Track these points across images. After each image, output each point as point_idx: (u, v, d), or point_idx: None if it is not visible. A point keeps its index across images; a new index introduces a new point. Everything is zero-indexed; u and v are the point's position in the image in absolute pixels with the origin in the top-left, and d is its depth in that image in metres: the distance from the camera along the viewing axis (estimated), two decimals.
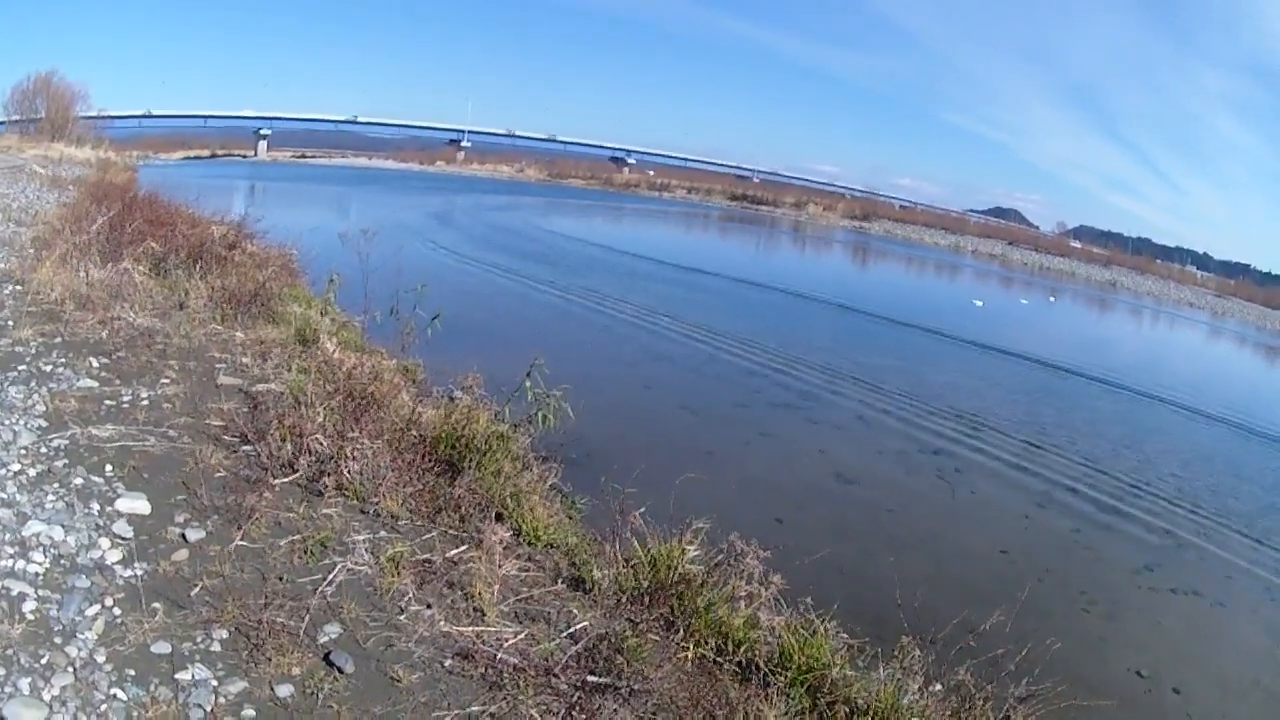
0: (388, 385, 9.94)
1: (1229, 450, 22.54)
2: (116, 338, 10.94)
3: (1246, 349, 58.55)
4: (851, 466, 14.77)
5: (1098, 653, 9.75)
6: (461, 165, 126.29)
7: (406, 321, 9.89)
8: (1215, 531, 14.82)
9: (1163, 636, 10.77)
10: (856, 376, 21.90)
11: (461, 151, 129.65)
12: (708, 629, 6.63)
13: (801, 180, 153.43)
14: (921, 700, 6.15)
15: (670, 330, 24.62)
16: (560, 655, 5.78)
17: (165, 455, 7.72)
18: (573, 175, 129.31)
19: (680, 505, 7.63)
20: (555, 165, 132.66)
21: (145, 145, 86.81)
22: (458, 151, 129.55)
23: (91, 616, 5.25)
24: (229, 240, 17.51)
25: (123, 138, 76.83)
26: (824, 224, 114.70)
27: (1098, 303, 70.77)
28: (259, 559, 6.31)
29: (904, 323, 34.45)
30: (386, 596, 6.13)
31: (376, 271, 10.73)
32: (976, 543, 12.45)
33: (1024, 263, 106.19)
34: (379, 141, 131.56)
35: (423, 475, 8.04)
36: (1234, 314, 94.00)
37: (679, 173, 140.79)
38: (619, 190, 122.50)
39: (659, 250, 46.41)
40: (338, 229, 16.12)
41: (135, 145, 79.65)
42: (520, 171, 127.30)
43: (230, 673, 5.05)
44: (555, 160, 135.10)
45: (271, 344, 12.19)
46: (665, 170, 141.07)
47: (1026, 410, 21.88)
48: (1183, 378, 33.57)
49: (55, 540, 5.90)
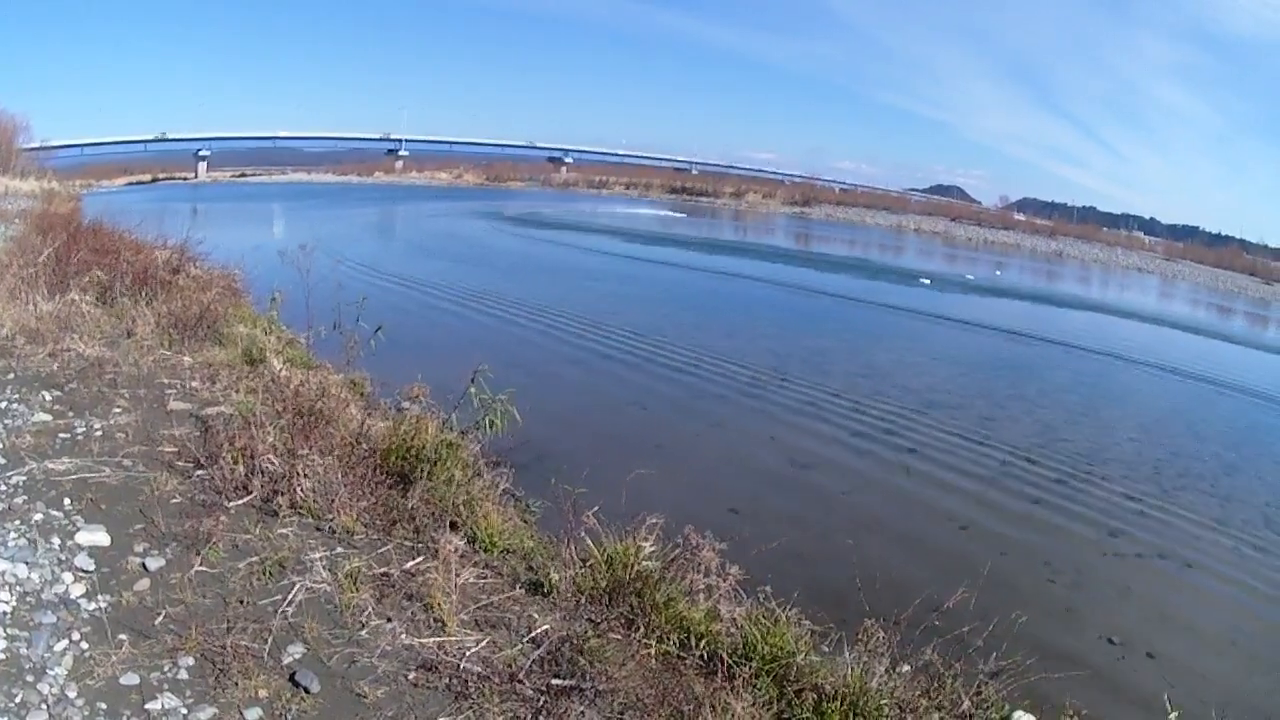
0: (335, 400, 9.90)
1: (1186, 412, 22.99)
2: (68, 369, 10.88)
3: (1199, 309, 59.24)
4: (804, 452, 14.89)
5: (1066, 623, 9.88)
6: (400, 174, 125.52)
7: (350, 335, 9.90)
8: (1179, 494, 15.10)
9: (1132, 602, 10.90)
10: (804, 360, 22.16)
11: (400, 161, 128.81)
12: (669, 624, 6.66)
13: (740, 169, 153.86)
14: (890, 681, 6.20)
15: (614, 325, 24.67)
16: (523, 660, 5.83)
17: (121, 485, 7.70)
18: (511, 178, 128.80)
19: (633, 502, 7.69)
20: (493, 169, 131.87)
21: (88, 174, 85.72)
22: (396, 161, 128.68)
23: (60, 652, 5.26)
24: (172, 264, 17.42)
25: (66, 167, 75.84)
26: (764, 211, 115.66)
27: (1045, 274, 71.16)
28: (219, 583, 6.31)
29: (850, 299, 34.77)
30: (347, 613, 6.15)
31: (317, 287, 10.72)
32: (935, 521, 12.59)
33: (968, 238, 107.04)
34: (318, 155, 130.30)
35: (375, 488, 8.05)
36: (1184, 276, 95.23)
37: (617, 169, 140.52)
38: (557, 190, 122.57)
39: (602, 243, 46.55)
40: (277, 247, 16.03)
41: (78, 174, 78.55)
42: (458, 177, 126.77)
43: (199, 700, 5.07)
44: (493, 164, 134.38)
45: (219, 366, 12.16)
46: (603, 167, 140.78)
47: (979, 384, 22.22)
48: (1137, 340, 33.99)
49: (20, 577, 5.90)
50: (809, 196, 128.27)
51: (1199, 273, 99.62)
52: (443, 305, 25.93)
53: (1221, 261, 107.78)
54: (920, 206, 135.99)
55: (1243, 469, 17.71)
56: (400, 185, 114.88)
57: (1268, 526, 14.12)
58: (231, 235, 32.32)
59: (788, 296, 36.11)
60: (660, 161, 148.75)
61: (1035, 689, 6.50)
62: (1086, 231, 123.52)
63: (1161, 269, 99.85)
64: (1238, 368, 32.05)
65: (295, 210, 62.62)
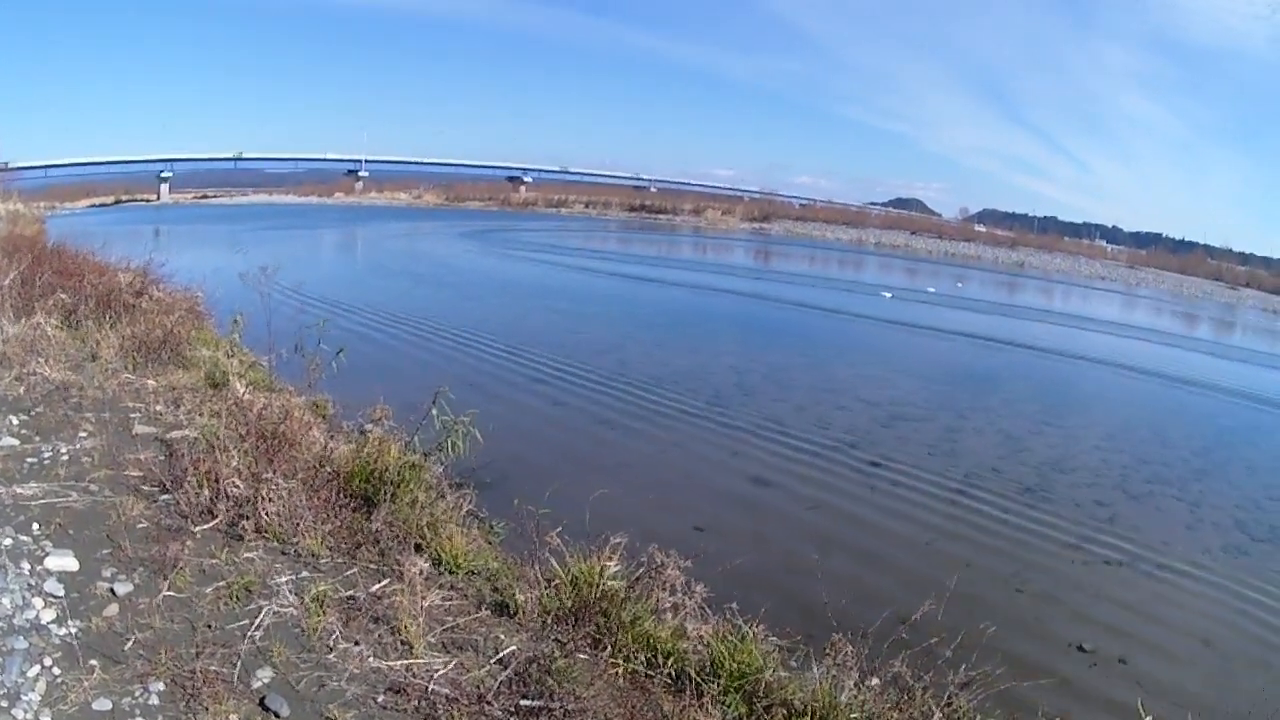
0: (298, 423, 9.87)
1: (1150, 419, 23.05)
2: (34, 393, 10.85)
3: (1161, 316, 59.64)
4: (767, 468, 14.93)
5: (1036, 632, 9.93)
6: (360, 195, 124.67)
7: (311, 357, 9.93)
8: (1146, 499, 15.27)
9: (1102, 609, 10.92)
10: (765, 376, 22.29)
11: (360, 181, 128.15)
12: (636, 643, 6.70)
13: (698, 186, 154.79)
14: (860, 695, 6.25)
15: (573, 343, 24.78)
16: (491, 682, 5.86)
17: (88, 510, 7.71)
18: (470, 197, 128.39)
19: (597, 521, 7.79)
20: (453, 189, 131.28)
21: (52, 196, 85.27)
22: (356, 181, 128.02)
23: (33, 678, 5.27)
24: (136, 287, 17.29)
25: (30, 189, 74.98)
26: (724, 228, 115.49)
27: (1006, 286, 71.41)
28: (187, 608, 6.32)
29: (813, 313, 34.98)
30: (314, 636, 6.18)
31: (278, 309, 10.73)
32: (900, 534, 12.63)
33: (929, 251, 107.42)
34: (278, 176, 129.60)
35: (340, 512, 8.08)
36: (1148, 283, 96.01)
37: (577, 188, 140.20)
38: (516, 209, 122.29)
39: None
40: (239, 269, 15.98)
41: (42, 196, 78.05)
42: (418, 198, 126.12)
43: None
44: (453, 184, 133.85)
45: (183, 389, 12.12)
46: (563, 186, 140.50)
47: (942, 396, 22.32)
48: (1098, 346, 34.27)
49: None
50: (768, 212, 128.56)
51: (1163, 279, 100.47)
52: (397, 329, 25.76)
53: (1186, 268, 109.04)
54: (881, 220, 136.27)
55: (1211, 473, 17.91)
56: (360, 206, 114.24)
57: (1239, 529, 14.28)
58: (194, 257, 32.13)
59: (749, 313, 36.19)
60: (619, 180, 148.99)
61: (1007, 698, 6.59)
62: (1048, 242, 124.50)
63: (1124, 277, 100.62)
64: (1204, 370, 32.52)
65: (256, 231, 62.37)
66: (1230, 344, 48.42)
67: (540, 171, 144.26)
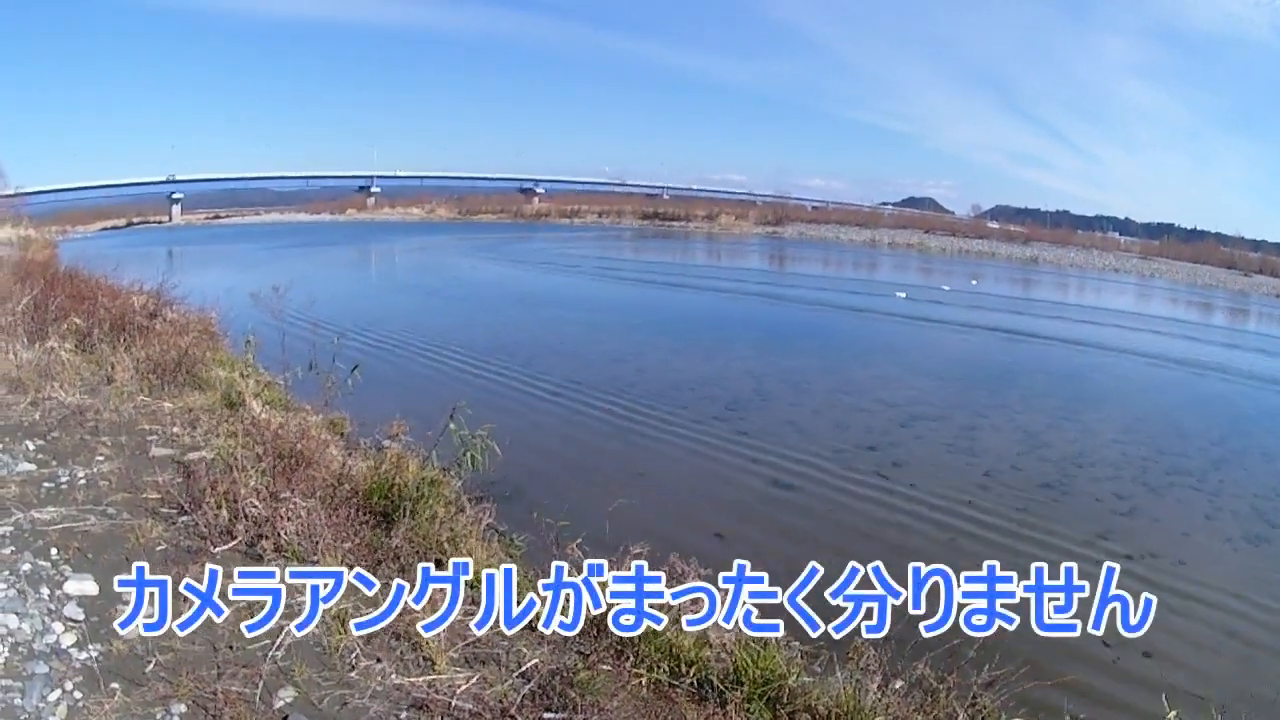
0: (315, 441, 9.87)
1: (1165, 411, 22.90)
2: (49, 418, 10.87)
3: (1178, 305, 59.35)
4: (786, 472, 14.85)
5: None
6: (373, 211, 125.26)
7: (327, 375, 9.91)
8: (1166, 491, 15.15)
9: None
10: (782, 379, 22.19)
11: (372, 198, 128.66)
12: (658, 653, 6.65)
13: (711, 192, 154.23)
14: (884, 699, 6.23)
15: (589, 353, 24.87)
16: (514, 696, 5.84)
17: (107, 533, 7.71)
18: (483, 210, 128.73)
19: (617, 531, 7.75)
20: (465, 202, 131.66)
21: (63, 219, 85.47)
22: (368, 198, 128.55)
23: (54, 702, 5.26)
24: (149, 309, 17.36)
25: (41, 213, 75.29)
26: (737, 233, 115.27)
27: (1021, 282, 71.07)
28: (207, 629, 6.27)
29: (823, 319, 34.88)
30: (336, 654, 6.17)
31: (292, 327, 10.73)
32: (920, 534, 12.55)
33: (942, 249, 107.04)
34: (290, 195, 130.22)
35: (359, 529, 8.05)
36: (1161, 274, 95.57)
37: (589, 198, 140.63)
38: (529, 221, 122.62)
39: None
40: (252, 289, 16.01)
41: (54, 220, 78.08)
42: (431, 212, 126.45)
43: None
44: (465, 197, 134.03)
45: (199, 411, 12.14)
46: (576, 196, 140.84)
47: (957, 394, 22.18)
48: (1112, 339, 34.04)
49: (11, 628, 5.90)
50: (781, 216, 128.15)
51: (1176, 269, 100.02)
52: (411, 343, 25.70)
53: (1199, 257, 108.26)
54: (893, 220, 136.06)
55: (1230, 461, 17.81)
56: (373, 222, 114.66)
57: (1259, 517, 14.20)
58: (206, 277, 32.31)
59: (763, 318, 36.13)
60: (632, 189, 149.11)
61: (1030, 697, 6.55)
62: (1061, 236, 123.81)
63: (1138, 268, 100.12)
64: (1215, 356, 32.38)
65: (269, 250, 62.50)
66: (1245, 330, 48.15)
67: (552, 182, 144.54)
